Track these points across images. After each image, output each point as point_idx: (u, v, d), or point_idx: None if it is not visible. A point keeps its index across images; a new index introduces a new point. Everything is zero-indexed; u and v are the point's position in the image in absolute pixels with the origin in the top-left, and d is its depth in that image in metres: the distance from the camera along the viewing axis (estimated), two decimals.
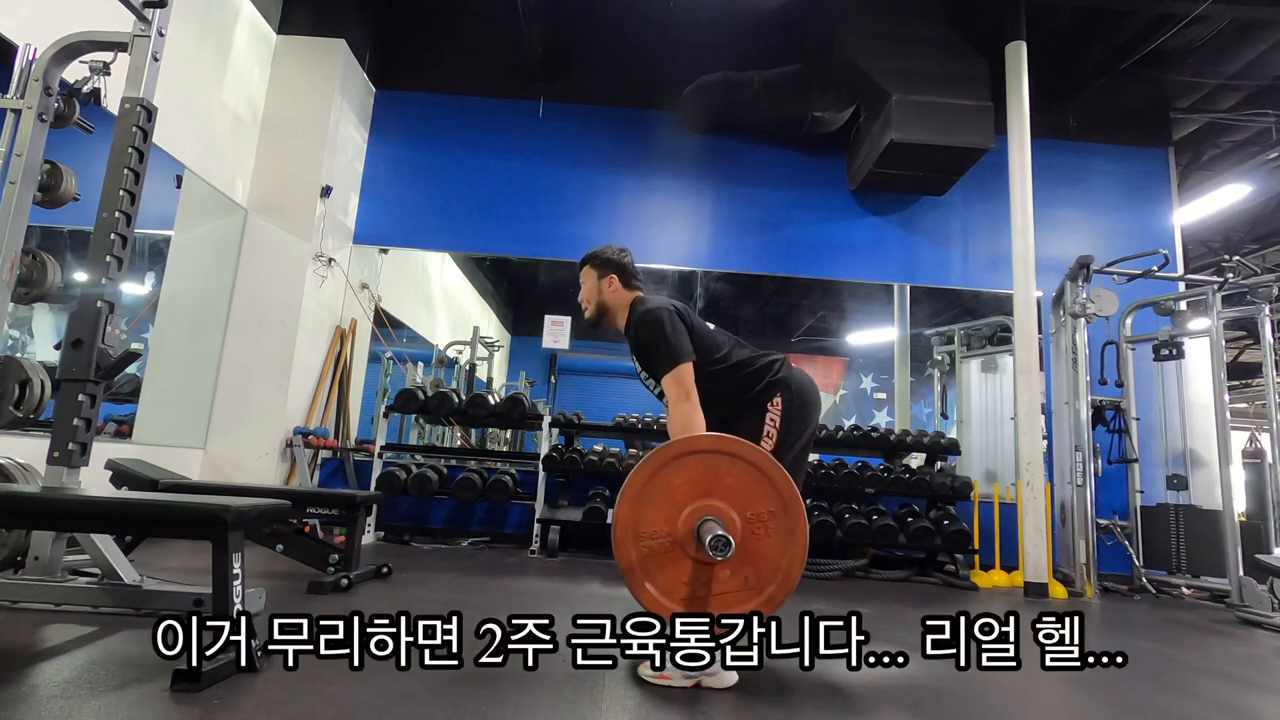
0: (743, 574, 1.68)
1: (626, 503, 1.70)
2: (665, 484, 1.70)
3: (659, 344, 1.99)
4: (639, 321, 2.08)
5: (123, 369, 2.26)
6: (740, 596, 1.69)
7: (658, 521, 1.69)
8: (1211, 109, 6.08)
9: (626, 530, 1.68)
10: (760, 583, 1.68)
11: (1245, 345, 10.21)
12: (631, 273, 2.25)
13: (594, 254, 2.28)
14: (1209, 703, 2.15)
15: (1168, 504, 4.91)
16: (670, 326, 2.01)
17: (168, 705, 1.51)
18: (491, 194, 5.92)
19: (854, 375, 8.45)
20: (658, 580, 1.68)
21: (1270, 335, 4.57)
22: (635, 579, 1.68)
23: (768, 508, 1.69)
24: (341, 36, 5.45)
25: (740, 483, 1.69)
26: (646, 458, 1.75)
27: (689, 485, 1.69)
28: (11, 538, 2.35)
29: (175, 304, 4.96)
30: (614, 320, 2.24)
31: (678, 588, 1.68)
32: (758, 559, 1.69)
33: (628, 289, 2.23)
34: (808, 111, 5.59)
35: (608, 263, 2.24)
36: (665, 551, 1.69)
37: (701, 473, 1.70)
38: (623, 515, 1.69)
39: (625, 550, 1.68)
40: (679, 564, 1.69)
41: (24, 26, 3.19)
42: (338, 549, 3.11)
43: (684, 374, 1.95)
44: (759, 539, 1.68)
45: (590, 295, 2.26)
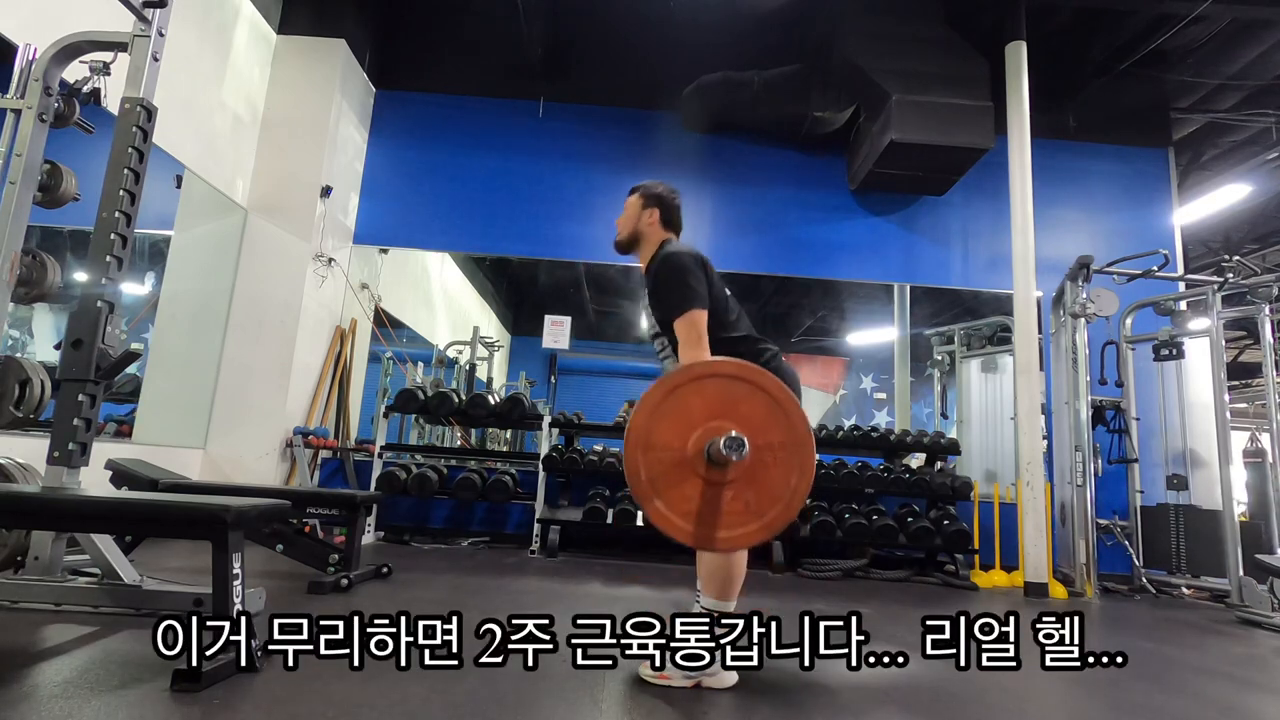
0: (745, 498, 1.70)
1: (643, 414, 1.72)
2: (683, 402, 1.72)
3: (678, 286, 1.97)
4: (661, 260, 2.07)
5: (123, 369, 2.26)
6: (741, 519, 1.71)
7: (670, 435, 1.71)
8: (1211, 109, 6.08)
9: (639, 439, 1.70)
10: (761, 508, 1.70)
11: (1245, 345, 10.22)
12: (674, 215, 2.24)
13: (646, 185, 2.27)
14: (1209, 703, 2.15)
15: (1168, 504, 4.91)
16: (692, 273, 2.00)
17: (168, 705, 1.51)
18: (491, 194, 5.92)
19: (854, 375, 8.46)
20: (666, 496, 1.70)
21: (1270, 335, 4.57)
22: (646, 495, 1.70)
23: (779, 439, 1.71)
24: (341, 36, 5.45)
25: (756, 411, 1.70)
26: (669, 373, 1.77)
27: (706, 406, 1.71)
28: (11, 538, 2.35)
29: (175, 304, 4.96)
30: (640, 252, 2.21)
31: (684, 503, 1.70)
32: (762, 485, 1.70)
33: (664, 228, 2.21)
34: (808, 111, 5.59)
35: (656, 196, 2.23)
36: (675, 466, 1.70)
37: (720, 396, 1.72)
38: (637, 424, 1.71)
39: (634, 459, 1.70)
40: (687, 481, 1.70)
41: (24, 26, 3.19)
42: (338, 549, 3.11)
43: (698, 319, 1.93)
44: (766, 467, 1.70)
45: (628, 222, 2.23)
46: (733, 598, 1.92)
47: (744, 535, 1.72)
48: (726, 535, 1.70)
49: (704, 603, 1.92)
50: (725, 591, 1.91)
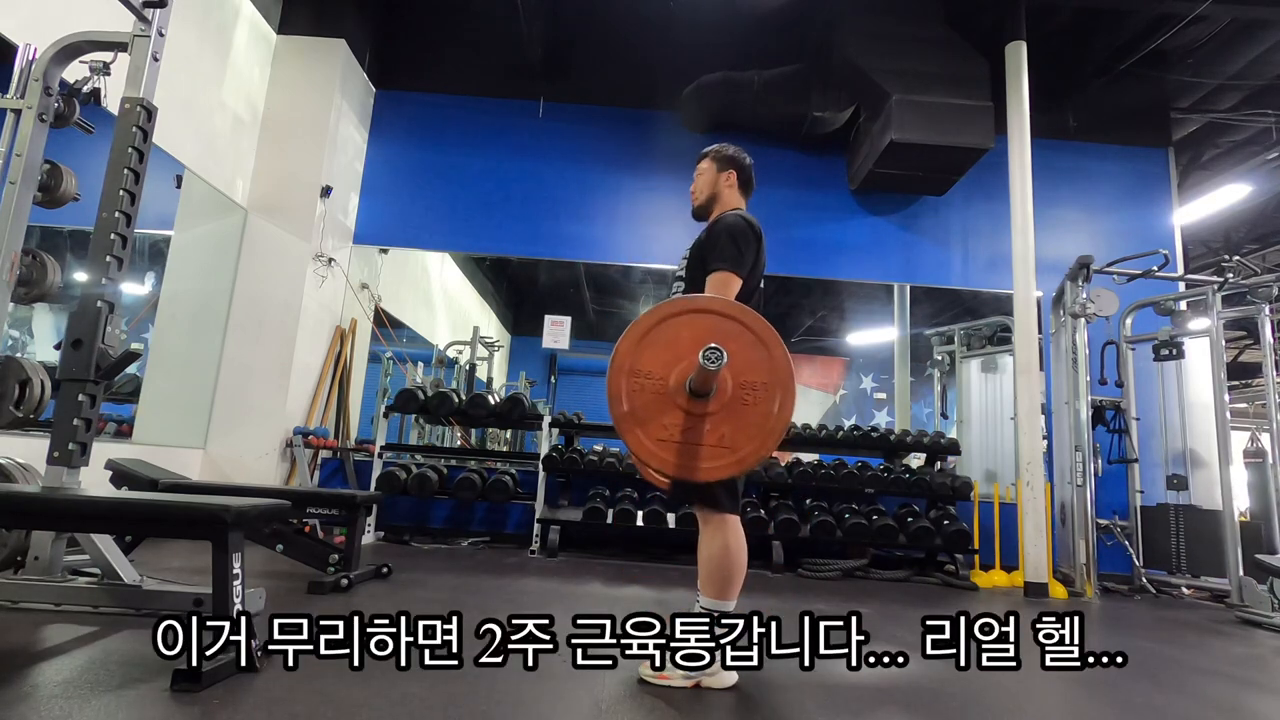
0: (720, 431, 1.72)
1: (630, 339, 1.73)
2: (672, 332, 1.74)
3: (730, 244, 1.99)
4: (730, 219, 2.07)
5: (123, 369, 2.26)
6: (715, 452, 1.72)
7: (655, 364, 1.72)
8: (1211, 109, 6.08)
9: (623, 362, 1.72)
10: (735, 443, 1.72)
11: (1245, 345, 10.21)
12: (749, 177, 2.27)
13: (718, 147, 2.29)
14: (1209, 703, 2.15)
15: (1168, 504, 4.91)
16: (748, 241, 2.02)
17: (168, 705, 1.51)
18: (491, 194, 5.92)
19: (854, 375, 8.46)
20: (646, 426, 1.72)
21: (1270, 335, 4.57)
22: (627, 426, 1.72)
23: (761, 379, 1.72)
24: (341, 36, 5.45)
25: (741, 349, 1.71)
26: (662, 303, 1.78)
27: (694, 339, 1.71)
28: (11, 538, 2.35)
29: (175, 304, 4.96)
30: (714, 213, 2.21)
31: (661, 430, 1.72)
32: (738, 421, 1.72)
33: (741, 190, 2.25)
34: (808, 111, 5.59)
35: (730, 159, 2.25)
36: (656, 395, 1.72)
37: (709, 331, 1.72)
38: (623, 349, 1.73)
39: (616, 382, 1.72)
40: (668, 412, 1.72)
41: (24, 26, 3.19)
42: (338, 549, 3.11)
43: (731, 280, 1.96)
44: (745, 404, 1.72)
45: (706, 186, 2.25)
46: (732, 597, 1.92)
47: (714, 468, 1.73)
48: (708, 466, 1.72)
49: (703, 603, 1.92)
50: (725, 591, 1.91)
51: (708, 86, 5.67)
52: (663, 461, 1.72)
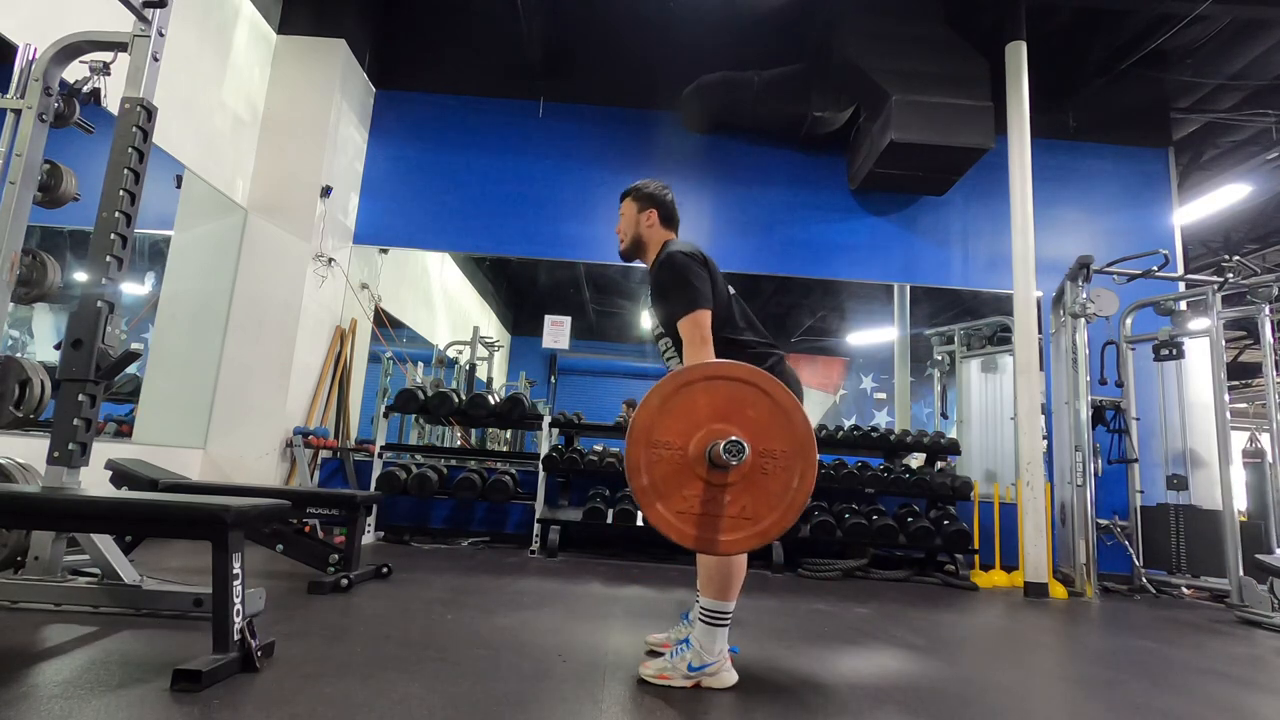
0: (741, 503, 1.70)
1: (648, 409, 1.71)
2: (690, 400, 1.71)
3: (681, 286, 1.96)
4: (663, 261, 2.05)
5: (123, 369, 2.26)
6: (735, 523, 1.70)
7: (673, 433, 1.70)
8: (1211, 109, 6.08)
9: (641, 434, 1.70)
10: (757, 514, 1.70)
11: (1245, 345, 10.22)
12: (671, 212, 2.24)
13: (636, 187, 2.26)
14: (1209, 703, 2.15)
15: (1168, 504, 4.91)
16: (695, 271, 1.98)
17: (168, 705, 1.51)
18: (492, 194, 5.92)
19: (854, 375, 8.46)
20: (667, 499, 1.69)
21: (1270, 335, 4.57)
22: (647, 500, 1.70)
23: (781, 446, 1.70)
24: (341, 36, 5.45)
25: (761, 416, 1.70)
26: (680, 369, 1.76)
27: (712, 407, 1.70)
28: (11, 538, 2.35)
29: (175, 304, 4.96)
30: (645, 256, 2.22)
31: (681, 502, 1.70)
32: (759, 491, 1.70)
33: (664, 227, 2.22)
34: (808, 111, 5.59)
35: (649, 197, 2.22)
36: (675, 465, 1.70)
37: (727, 398, 1.72)
38: (641, 420, 1.71)
39: (635, 454, 1.70)
40: (689, 483, 1.70)
41: (24, 26, 3.19)
42: (338, 549, 3.11)
43: (702, 319, 1.93)
44: (765, 474, 1.70)
45: (628, 228, 2.24)
46: (732, 598, 1.92)
47: (734, 541, 1.71)
48: (729, 539, 1.70)
49: (704, 603, 1.92)
50: (725, 592, 1.91)
51: (708, 86, 5.67)
52: (681, 535, 1.68)
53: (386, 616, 2.54)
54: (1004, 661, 2.61)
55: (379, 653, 2.02)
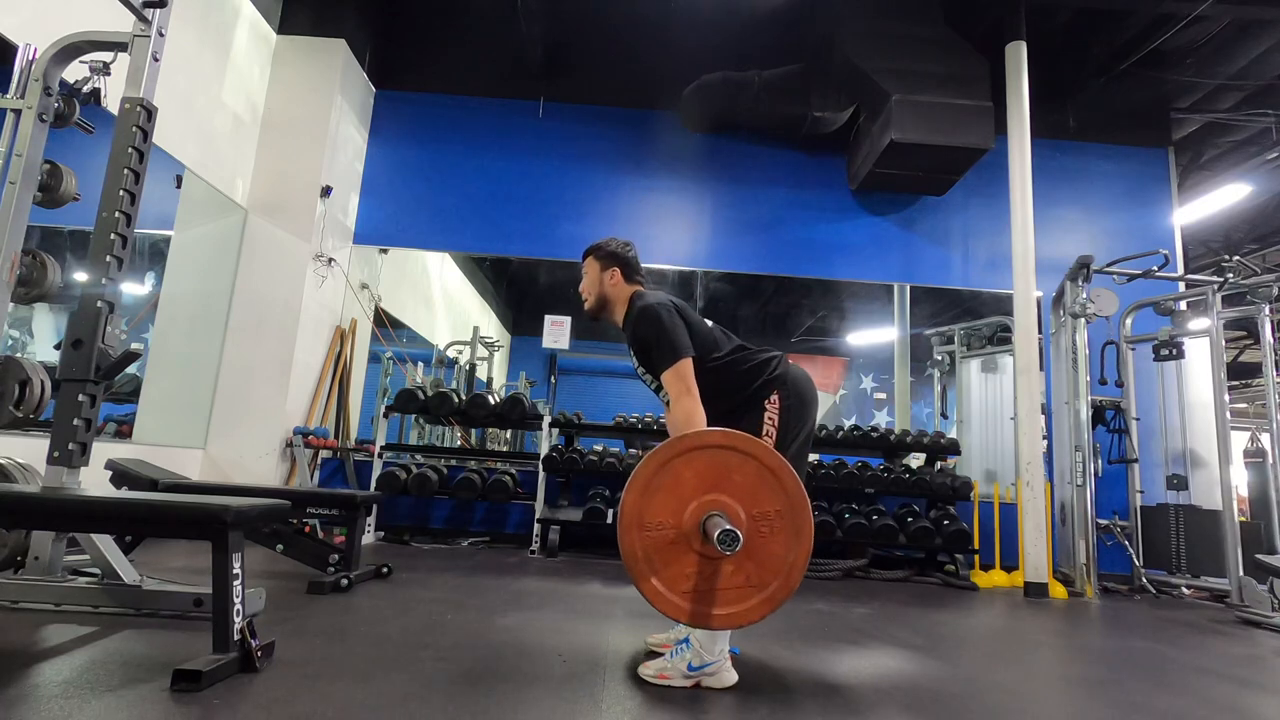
0: (745, 571, 1.68)
1: (634, 492, 1.69)
2: (674, 476, 1.70)
3: (658, 339, 1.99)
4: (638, 317, 2.08)
5: (123, 369, 2.26)
6: (742, 593, 1.68)
7: (664, 513, 1.69)
8: (1211, 109, 6.08)
9: (632, 519, 1.68)
10: (762, 580, 1.68)
11: (1245, 345, 10.21)
12: (634, 267, 2.26)
13: (598, 246, 2.29)
14: (1209, 703, 2.15)
15: (1168, 504, 4.91)
16: (669, 322, 2.00)
17: (168, 705, 1.51)
18: (491, 194, 5.92)
19: (854, 375, 8.46)
20: (663, 575, 1.68)
21: (1270, 335, 4.57)
22: (640, 572, 1.68)
23: (774, 507, 1.69)
24: (341, 36, 5.45)
25: (748, 480, 1.69)
26: (657, 448, 1.74)
27: (698, 479, 1.69)
28: (11, 538, 2.35)
29: (175, 304, 4.96)
30: (613, 314, 2.25)
31: (682, 580, 1.68)
32: (761, 557, 1.69)
33: (629, 283, 2.24)
34: (808, 111, 5.59)
35: (611, 255, 2.25)
36: (670, 544, 1.68)
37: (711, 467, 1.70)
38: (629, 504, 1.69)
39: (630, 538, 1.68)
40: (684, 557, 1.68)
41: (24, 26, 3.19)
42: (338, 549, 3.11)
43: (684, 369, 1.95)
44: (764, 537, 1.68)
45: (591, 287, 2.27)
46: None
47: (744, 611, 1.70)
48: (722, 613, 1.69)
49: None
50: None
51: (708, 86, 5.67)
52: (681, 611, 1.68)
53: (386, 617, 2.54)
54: (1004, 661, 2.61)
55: (379, 653, 2.02)
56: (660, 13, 5.63)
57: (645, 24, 5.82)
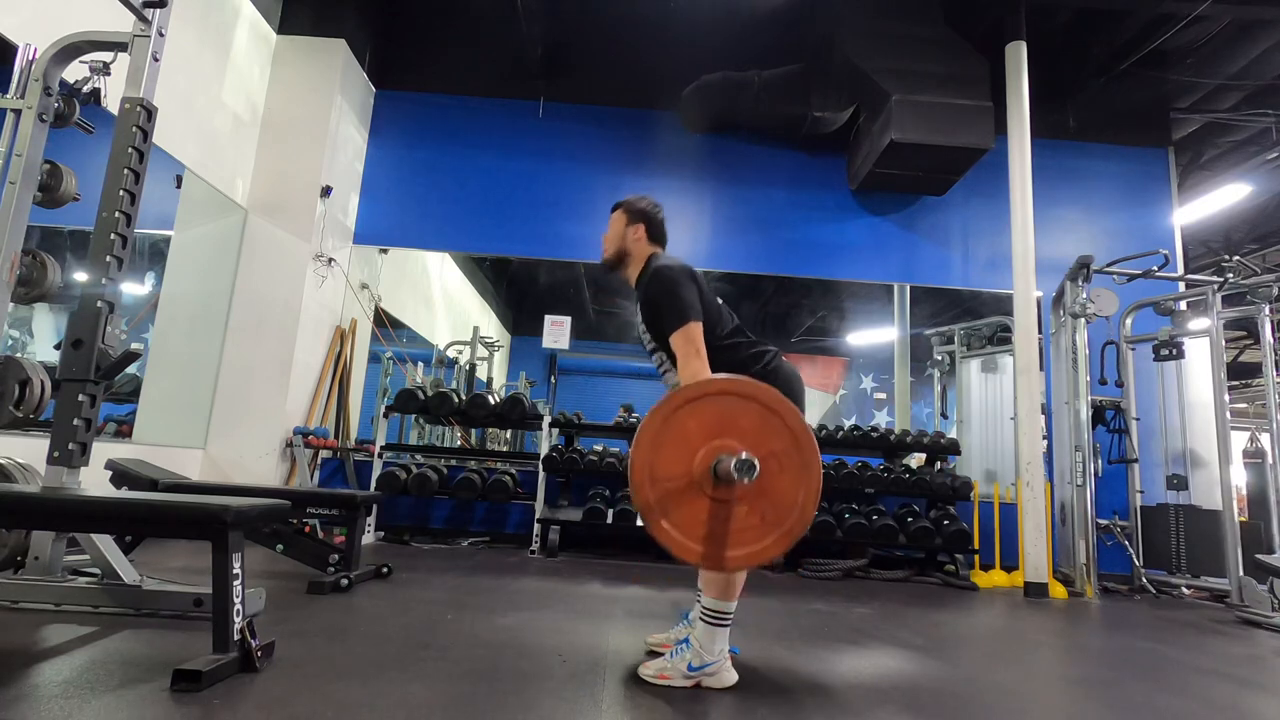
0: (760, 510, 1.70)
1: (642, 448, 1.70)
2: (680, 427, 1.71)
3: (671, 301, 1.98)
4: (652, 276, 2.07)
5: (123, 369, 2.26)
6: (759, 532, 1.70)
7: (674, 464, 1.70)
8: (1211, 109, 6.08)
9: (644, 475, 1.69)
10: (778, 518, 1.70)
11: (1245, 345, 10.21)
12: (659, 229, 2.26)
13: (629, 200, 2.29)
14: (1209, 703, 2.15)
15: (1168, 504, 4.91)
16: (684, 285, 2.00)
17: (168, 705, 1.51)
18: (491, 194, 5.92)
19: (854, 375, 8.46)
20: (674, 518, 1.69)
21: (1270, 335, 4.57)
22: (653, 517, 1.69)
23: (781, 445, 1.71)
24: (341, 36, 5.45)
25: (753, 423, 1.70)
26: (660, 402, 1.74)
27: (703, 427, 1.70)
28: (11, 538, 2.35)
29: (175, 304, 4.96)
30: (628, 270, 2.23)
31: (696, 525, 1.69)
32: (774, 495, 1.70)
33: (650, 243, 2.24)
34: (808, 111, 5.59)
35: (640, 212, 2.25)
36: (682, 491, 1.70)
37: (715, 415, 1.72)
38: (639, 460, 1.70)
39: (643, 494, 1.69)
40: (696, 503, 1.70)
41: (24, 26, 3.19)
42: (338, 549, 3.11)
43: (694, 331, 1.94)
44: (774, 475, 1.70)
45: (614, 238, 2.26)
46: (734, 597, 1.92)
47: (760, 550, 1.70)
48: (735, 554, 1.69)
49: (705, 603, 1.92)
50: (727, 592, 1.91)
51: (708, 86, 5.67)
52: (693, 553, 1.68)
53: (386, 616, 2.54)
54: (1004, 661, 2.61)
55: (379, 653, 2.02)
56: (660, 13, 5.63)
57: (645, 24, 5.82)
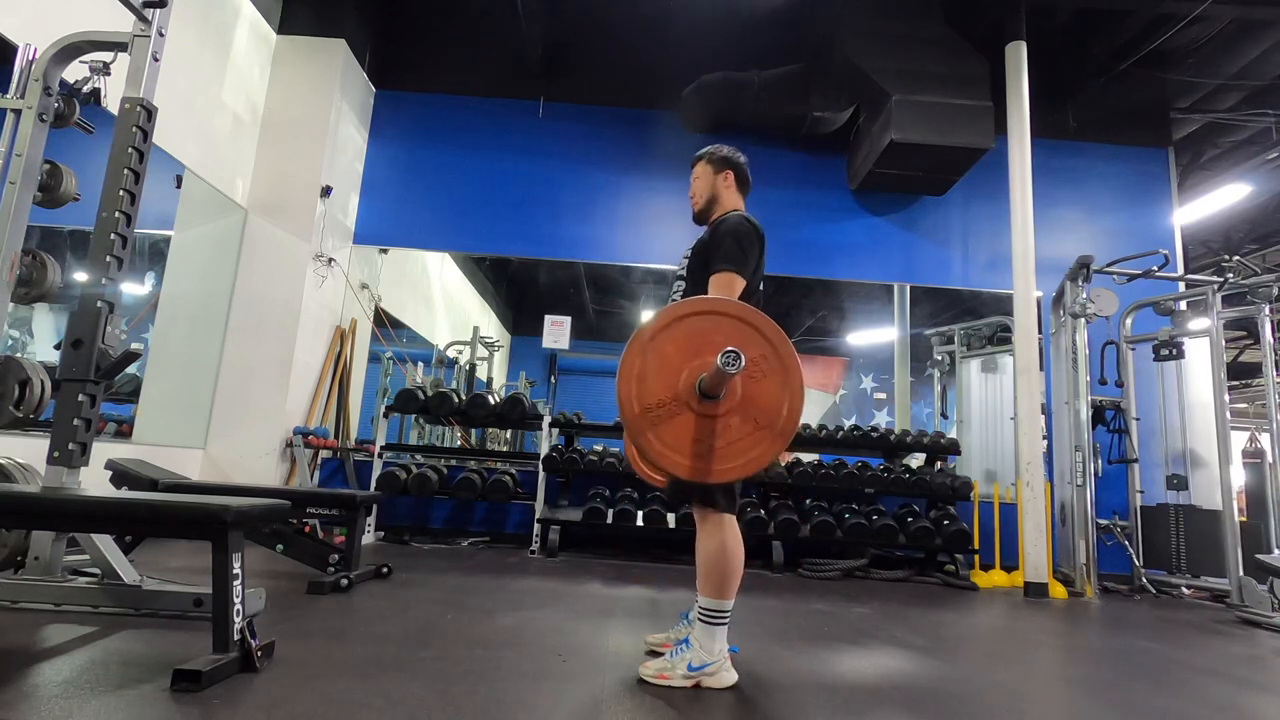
0: (751, 417, 1.71)
1: (626, 382, 1.71)
2: (659, 355, 1.73)
3: (734, 246, 2.01)
4: (735, 220, 2.09)
5: (123, 369, 2.26)
6: (754, 439, 1.71)
7: (660, 391, 1.72)
8: (1211, 109, 6.08)
9: (632, 408, 1.71)
10: (770, 420, 1.71)
11: (1245, 345, 10.21)
12: (746, 175, 2.29)
13: (710, 150, 2.30)
14: (1209, 703, 2.15)
15: (1168, 504, 4.91)
16: (752, 243, 2.05)
17: (168, 705, 1.51)
18: (491, 194, 5.91)
19: (854, 375, 8.46)
20: (662, 432, 1.70)
21: (1270, 335, 4.57)
22: (641, 432, 1.70)
23: (759, 352, 1.72)
24: (341, 36, 5.45)
25: (728, 336, 1.71)
26: (634, 336, 1.75)
27: (680, 350, 1.72)
28: (11, 538, 2.35)
29: (175, 304, 4.96)
30: (713, 215, 2.23)
31: (684, 440, 1.70)
32: (761, 400, 1.72)
33: (739, 190, 2.27)
34: (808, 111, 5.59)
35: (725, 159, 2.26)
36: (672, 416, 1.72)
37: (690, 335, 1.73)
38: (626, 395, 1.71)
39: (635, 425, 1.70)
40: (683, 418, 1.71)
41: (24, 26, 3.19)
42: (338, 549, 3.11)
43: (735, 281, 1.99)
44: (757, 381, 1.71)
45: (704, 188, 2.27)
46: (730, 596, 1.92)
47: (757, 457, 1.71)
48: (724, 467, 1.71)
49: (702, 603, 1.93)
50: (723, 590, 1.91)
51: (708, 86, 5.67)
52: (681, 466, 1.69)
53: (386, 616, 2.54)
54: (1004, 661, 2.61)
55: (379, 653, 2.02)
56: (660, 13, 5.63)
57: (645, 24, 5.82)
